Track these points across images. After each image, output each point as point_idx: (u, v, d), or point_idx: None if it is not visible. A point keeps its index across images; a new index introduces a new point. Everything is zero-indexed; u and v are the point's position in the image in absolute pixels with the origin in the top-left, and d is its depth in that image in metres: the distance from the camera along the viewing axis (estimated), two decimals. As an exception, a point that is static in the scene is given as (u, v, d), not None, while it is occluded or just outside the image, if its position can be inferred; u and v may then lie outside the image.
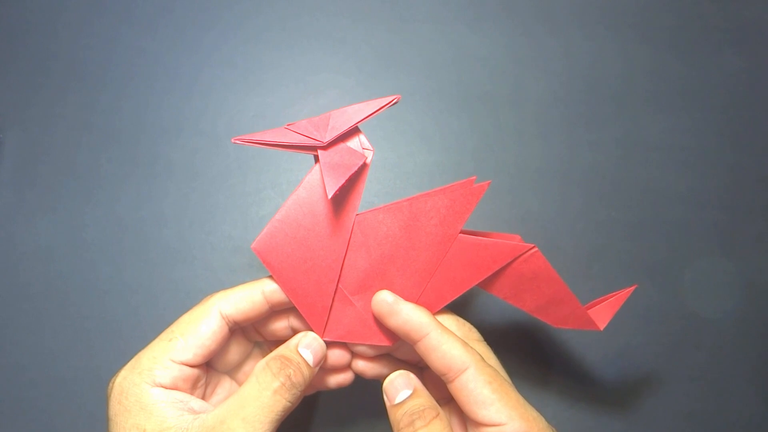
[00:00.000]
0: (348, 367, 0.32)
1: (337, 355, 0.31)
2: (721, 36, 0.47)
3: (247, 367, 0.32)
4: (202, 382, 0.29)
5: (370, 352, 0.31)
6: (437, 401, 0.32)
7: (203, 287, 0.40)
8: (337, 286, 0.30)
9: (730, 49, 0.47)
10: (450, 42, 0.46)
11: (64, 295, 0.39)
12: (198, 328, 0.28)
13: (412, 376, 0.29)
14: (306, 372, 0.28)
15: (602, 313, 0.32)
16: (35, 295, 0.40)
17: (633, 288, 0.33)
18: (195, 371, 0.28)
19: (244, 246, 0.41)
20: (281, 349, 0.29)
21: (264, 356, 0.31)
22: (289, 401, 0.27)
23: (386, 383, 0.29)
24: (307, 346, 0.29)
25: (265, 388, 0.27)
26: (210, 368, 0.31)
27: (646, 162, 0.43)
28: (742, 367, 0.39)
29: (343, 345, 0.31)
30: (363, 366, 0.32)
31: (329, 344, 0.30)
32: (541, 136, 0.44)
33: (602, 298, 0.33)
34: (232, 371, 0.32)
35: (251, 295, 0.29)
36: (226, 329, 0.29)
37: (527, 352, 0.39)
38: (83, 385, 0.38)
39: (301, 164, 0.43)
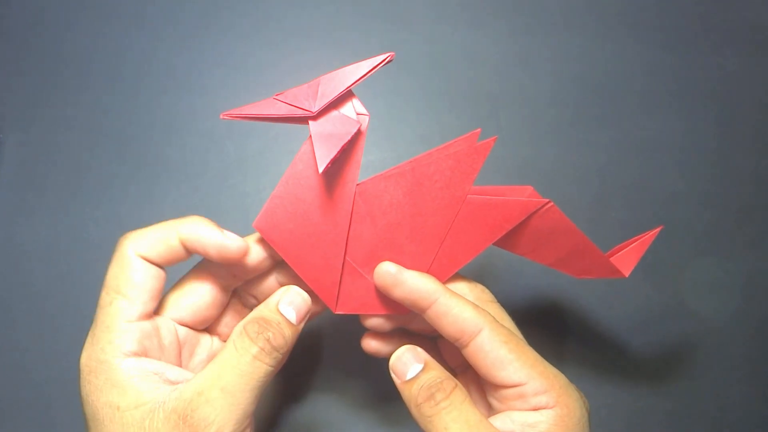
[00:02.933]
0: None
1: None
2: (719, 36, 0.47)
3: (227, 318, 0.31)
4: (172, 340, 0.28)
5: (385, 325, 0.30)
6: (453, 370, 0.31)
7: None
8: (344, 258, 0.29)
9: (728, 49, 0.47)
10: (450, 42, 0.46)
11: (65, 295, 0.39)
12: (129, 279, 0.26)
13: (419, 349, 0.27)
14: (288, 332, 0.26)
15: (626, 260, 0.30)
16: (36, 295, 0.39)
17: (658, 230, 0.30)
18: (154, 323, 0.27)
19: (244, 246, 0.41)
20: (260, 309, 0.27)
21: (243, 306, 0.29)
22: (271, 365, 0.25)
23: (393, 360, 0.27)
24: (289, 302, 0.27)
25: (243, 354, 0.25)
26: (187, 328, 0.29)
27: (645, 162, 0.43)
28: (742, 367, 0.39)
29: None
30: (376, 345, 0.30)
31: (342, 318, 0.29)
32: (540, 136, 0.44)
33: (624, 243, 0.31)
34: (211, 327, 0.30)
35: (166, 238, 0.27)
36: (154, 269, 0.27)
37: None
38: (83, 385, 0.38)
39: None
